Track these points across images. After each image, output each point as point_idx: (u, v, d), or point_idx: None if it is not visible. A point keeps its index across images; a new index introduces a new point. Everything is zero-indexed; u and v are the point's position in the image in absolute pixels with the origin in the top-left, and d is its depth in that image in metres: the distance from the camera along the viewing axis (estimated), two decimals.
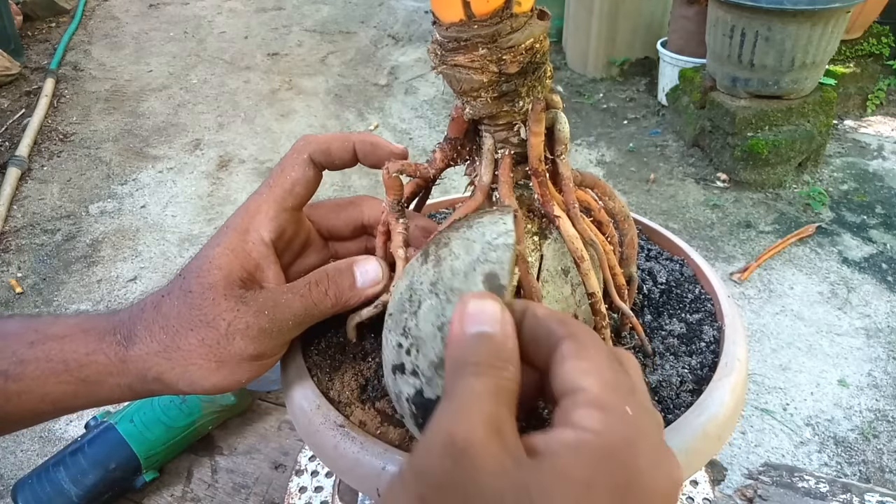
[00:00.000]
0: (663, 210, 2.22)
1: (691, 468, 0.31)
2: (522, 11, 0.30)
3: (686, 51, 2.56)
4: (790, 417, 1.50)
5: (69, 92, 3.10)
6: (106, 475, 0.65)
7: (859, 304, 1.81)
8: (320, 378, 0.38)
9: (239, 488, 0.69)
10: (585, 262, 0.34)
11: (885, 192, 2.27)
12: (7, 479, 1.42)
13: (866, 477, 1.37)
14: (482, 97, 0.32)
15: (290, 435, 0.75)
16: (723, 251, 2.02)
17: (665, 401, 0.36)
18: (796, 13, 1.99)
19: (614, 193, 0.42)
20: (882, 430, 1.47)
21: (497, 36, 0.30)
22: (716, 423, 0.32)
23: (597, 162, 2.53)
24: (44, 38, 3.58)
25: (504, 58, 0.30)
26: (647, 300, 0.45)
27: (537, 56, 0.31)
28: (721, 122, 2.29)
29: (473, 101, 0.33)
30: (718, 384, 0.34)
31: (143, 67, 3.38)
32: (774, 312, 1.78)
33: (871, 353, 1.66)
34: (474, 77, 0.31)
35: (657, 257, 0.49)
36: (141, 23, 3.92)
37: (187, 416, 0.69)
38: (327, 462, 0.35)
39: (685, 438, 0.31)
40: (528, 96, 0.32)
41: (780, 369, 1.62)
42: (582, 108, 2.91)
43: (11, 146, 2.60)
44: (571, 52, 3.19)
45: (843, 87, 2.52)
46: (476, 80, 0.31)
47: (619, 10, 2.90)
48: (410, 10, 4.08)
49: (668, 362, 0.39)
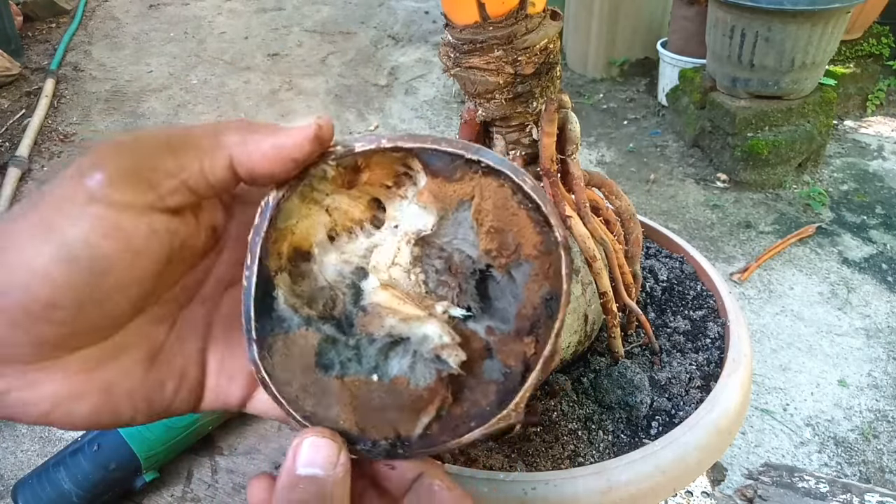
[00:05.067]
0: (663, 210, 2.22)
1: (704, 464, 0.31)
2: (536, 12, 0.30)
3: (686, 51, 2.57)
4: (790, 418, 1.50)
5: (69, 92, 3.09)
6: (106, 475, 0.65)
7: (859, 304, 1.81)
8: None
9: (239, 488, 0.69)
10: (598, 261, 0.34)
11: (885, 193, 2.27)
12: (7, 479, 1.42)
13: (866, 477, 1.37)
14: (497, 99, 0.32)
15: (290, 435, 0.75)
16: (723, 251, 2.03)
17: (675, 398, 0.36)
18: (796, 14, 1.99)
19: (621, 192, 0.42)
20: (882, 430, 1.47)
21: (513, 37, 0.30)
22: (727, 417, 0.33)
23: (597, 162, 2.54)
24: (44, 39, 3.57)
25: (519, 59, 0.30)
26: (649, 298, 0.46)
27: (551, 56, 0.31)
28: (721, 123, 2.29)
29: (487, 102, 0.32)
30: (728, 380, 0.35)
31: (144, 68, 3.38)
32: (774, 313, 1.79)
33: (871, 354, 1.66)
34: (490, 79, 0.31)
35: (657, 255, 0.49)
36: (141, 23, 3.92)
37: (187, 416, 0.69)
38: None
39: (700, 434, 0.31)
40: (542, 97, 0.32)
41: (780, 369, 1.62)
42: (582, 108, 2.91)
43: (12, 146, 2.59)
44: (571, 52, 3.19)
45: (843, 88, 2.52)
46: (491, 82, 0.31)
47: (619, 10, 2.90)
48: (410, 10, 4.08)
49: (676, 359, 0.40)
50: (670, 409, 0.35)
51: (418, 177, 0.29)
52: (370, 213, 0.31)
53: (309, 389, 0.29)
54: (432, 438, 0.29)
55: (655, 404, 0.35)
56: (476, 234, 0.29)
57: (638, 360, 0.40)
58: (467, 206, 0.29)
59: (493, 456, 0.33)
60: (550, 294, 0.28)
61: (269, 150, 0.25)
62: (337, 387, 0.29)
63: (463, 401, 0.29)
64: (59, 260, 0.22)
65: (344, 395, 0.29)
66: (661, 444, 0.31)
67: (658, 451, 0.31)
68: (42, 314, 0.22)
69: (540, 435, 0.34)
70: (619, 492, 0.30)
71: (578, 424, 0.35)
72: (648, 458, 0.30)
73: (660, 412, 0.35)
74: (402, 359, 0.30)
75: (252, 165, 0.25)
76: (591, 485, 0.29)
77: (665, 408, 0.35)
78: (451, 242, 0.30)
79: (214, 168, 0.24)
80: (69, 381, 0.25)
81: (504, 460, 0.32)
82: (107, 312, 0.24)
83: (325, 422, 0.29)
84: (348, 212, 0.30)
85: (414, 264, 0.31)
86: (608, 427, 0.35)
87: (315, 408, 0.29)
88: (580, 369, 0.39)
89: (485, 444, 0.34)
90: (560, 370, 0.39)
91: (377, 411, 0.29)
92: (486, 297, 0.31)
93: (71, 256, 0.22)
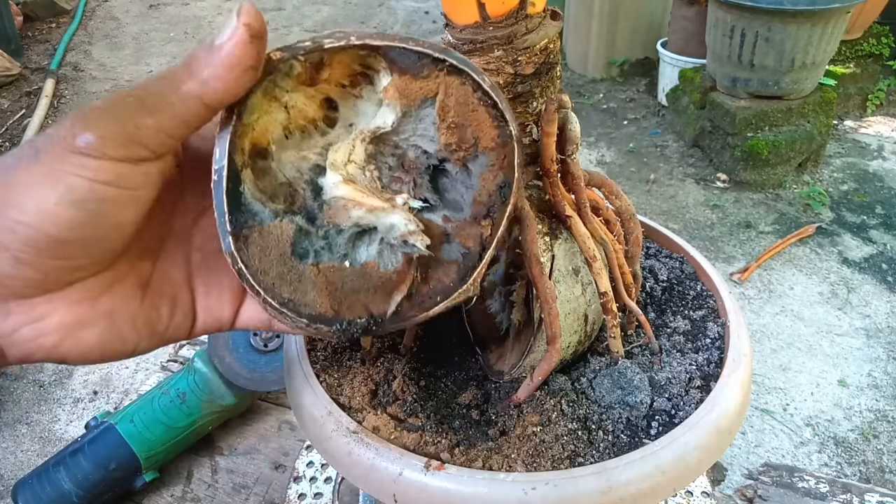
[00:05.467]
0: (663, 210, 2.22)
1: (704, 464, 0.31)
2: (536, 12, 0.30)
3: (686, 51, 2.57)
4: (790, 418, 1.50)
5: (69, 92, 3.09)
6: (106, 475, 0.65)
7: (859, 304, 1.81)
8: (329, 384, 0.38)
9: (239, 488, 0.69)
10: (598, 261, 0.34)
11: (885, 193, 2.28)
12: (7, 479, 1.42)
13: (866, 477, 1.38)
14: None
15: (290, 435, 0.75)
16: (723, 251, 2.03)
17: (675, 398, 0.36)
18: (796, 14, 1.99)
19: (620, 192, 0.42)
20: (882, 430, 1.47)
21: (513, 37, 0.30)
22: (728, 417, 0.33)
23: (597, 162, 2.54)
24: (44, 39, 3.58)
25: (519, 59, 0.30)
26: (649, 298, 0.46)
27: (551, 56, 0.31)
28: (721, 123, 2.29)
29: None
30: (728, 380, 0.35)
31: (144, 68, 3.38)
32: (774, 313, 1.79)
33: (871, 354, 1.66)
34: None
35: (656, 255, 0.49)
36: (141, 23, 3.92)
37: (187, 416, 0.69)
38: (341, 469, 0.35)
39: (699, 434, 0.31)
40: (542, 97, 0.32)
41: (781, 369, 1.62)
42: (582, 108, 2.91)
43: (12, 146, 2.60)
44: (571, 52, 3.19)
45: (843, 88, 2.52)
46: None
47: (619, 10, 2.90)
48: (410, 10, 4.08)
49: (676, 359, 0.40)
50: (670, 409, 0.35)
51: (380, 77, 0.31)
52: (323, 113, 0.32)
53: (285, 277, 0.30)
54: (402, 314, 0.32)
55: (655, 404, 0.36)
56: (437, 129, 0.31)
57: (638, 360, 0.40)
58: (431, 102, 0.30)
59: (493, 456, 0.33)
60: (504, 182, 0.31)
61: (226, 76, 0.26)
62: (312, 273, 0.31)
63: (429, 279, 0.33)
64: (65, 203, 0.25)
65: (319, 280, 0.31)
66: (661, 444, 0.31)
67: (658, 451, 0.31)
68: (48, 249, 0.25)
69: (540, 435, 0.34)
70: (619, 492, 0.30)
71: (578, 424, 0.35)
72: (648, 458, 0.30)
73: (660, 412, 0.35)
74: (369, 246, 0.33)
75: (219, 97, 0.27)
76: (591, 485, 0.29)
77: (665, 408, 0.35)
78: (408, 139, 0.32)
79: (189, 115, 0.26)
80: (74, 309, 0.28)
81: (504, 460, 0.33)
82: (106, 248, 0.27)
83: (302, 306, 0.31)
84: (303, 110, 0.31)
85: (368, 161, 0.33)
86: (608, 427, 0.35)
87: (292, 294, 0.31)
88: (580, 369, 0.39)
89: (485, 444, 0.34)
90: (560, 370, 0.39)
91: (350, 294, 0.32)
92: (438, 191, 0.33)
93: (76, 200, 0.25)
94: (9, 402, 1.60)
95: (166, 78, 0.26)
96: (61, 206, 0.24)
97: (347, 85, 0.31)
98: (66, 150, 0.25)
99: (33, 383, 1.66)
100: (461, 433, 0.36)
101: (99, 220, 0.26)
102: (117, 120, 0.25)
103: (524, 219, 0.34)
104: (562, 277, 0.36)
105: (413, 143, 0.32)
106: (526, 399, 0.37)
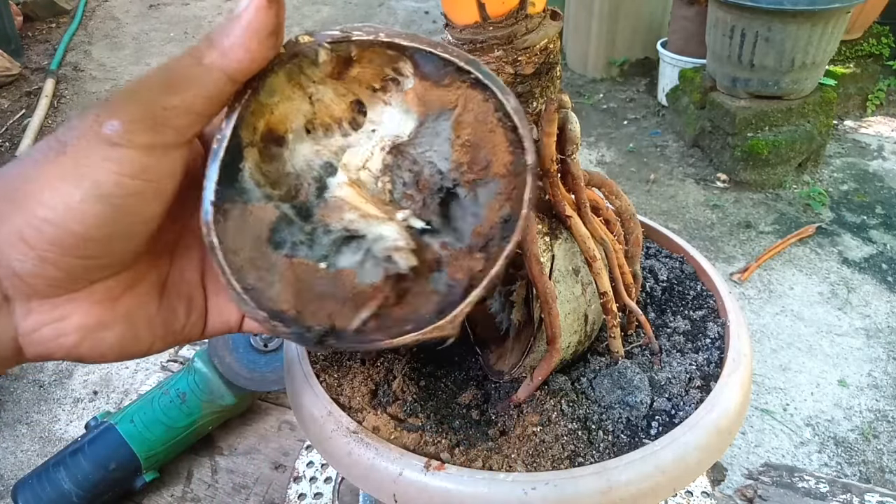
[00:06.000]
0: (663, 210, 2.22)
1: (704, 464, 0.31)
2: (536, 12, 0.30)
3: (686, 51, 2.57)
4: (790, 418, 1.50)
5: (69, 92, 3.09)
6: (106, 475, 0.65)
7: (859, 304, 1.81)
8: (329, 384, 0.38)
9: (239, 488, 0.69)
10: (598, 261, 0.34)
11: (885, 193, 2.28)
12: (7, 479, 1.42)
13: (866, 477, 1.38)
14: None
15: (290, 435, 0.75)
16: (723, 251, 2.03)
17: (675, 398, 0.36)
18: (796, 14, 1.99)
19: (620, 192, 0.42)
20: (882, 430, 1.47)
21: (513, 37, 0.30)
22: (728, 417, 0.33)
23: (597, 162, 2.54)
24: (44, 39, 3.58)
25: (519, 59, 0.30)
26: (649, 298, 0.46)
27: (551, 56, 0.31)
28: (721, 123, 2.29)
29: None
30: (728, 380, 0.35)
31: (144, 68, 3.38)
32: (774, 313, 1.79)
33: (871, 354, 1.66)
34: None
35: (656, 255, 0.49)
36: (141, 23, 3.92)
37: (187, 416, 0.69)
38: (341, 469, 0.35)
39: (700, 434, 0.31)
40: (542, 97, 0.32)
41: (781, 369, 1.62)
42: (582, 108, 2.91)
43: (12, 146, 2.60)
44: (571, 52, 3.19)
45: (843, 88, 2.52)
46: None
47: (619, 10, 2.90)
48: (410, 10, 4.08)
49: (675, 359, 0.40)
50: (670, 409, 0.35)
51: (406, 82, 0.30)
52: (350, 115, 0.31)
53: (256, 262, 0.29)
54: (366, 335, 0.30)
55: (655, 404, 0.36)
56: (451, 145, 0.29)
57: (638, 360, 0.40)
58: (448, 115, 0.29)
59: (493, 456, 0.33)
60: (509, 216, 0.29)
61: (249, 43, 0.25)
62: (283, 265, 0.29)
63: (404, 304, 0.30)
64: (91, 199, 0.24)
65: (288, 275, 0.29)
66: (661, 444, 0.31)
67: (658, 451, 0.31)
68: (73, 247, 0.25)
69: (540, 435, 0.34)
70: (619, 492, 0.30)
71: (578, 424, 0.35)
72: (648, 458, 0.30)
73: (660, 412, 0.35)
74: (353, 254, 0.31)
75: (244, 67, 0.26)
76: (591, 485, 0.29)
77: (665, 408, 0.35)
78: (423, 154, 0.30)
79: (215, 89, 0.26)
80: (94, 310, 0.27)
81: (504, 460, 0.33)
82: (129, 246, 0.27)
83: (262, 299, 0.29)
84: (330, 107, 0.30)
85: (384, 172, 0.31)
86: (608, 427, 0.35)
87: (257, 282, 0.29)
88: (580, 369, 0.39)
89: (485, 444, 0.34)
90: (560, 370, 0.39)
91: (317, 299, 0.30)
92: (447, 216, 0.31)
93: (102, 195, 0.24)
94: (9, 402, 1.60)
95: (188, 54, 0.26)
96: (87, 203, 0.24)
97: (378, 88, 0.30)
98: (93, 140, 0.24)
99: (33, 383, 1.66)
100: (461, 433, 0.36)
101: (124, 216, 0.25)
102: (142, 104, 0.25)
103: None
104: (562, 277, 0.36)
105: (429, 158, 0.30)
106: (526, 399, 0.37)
